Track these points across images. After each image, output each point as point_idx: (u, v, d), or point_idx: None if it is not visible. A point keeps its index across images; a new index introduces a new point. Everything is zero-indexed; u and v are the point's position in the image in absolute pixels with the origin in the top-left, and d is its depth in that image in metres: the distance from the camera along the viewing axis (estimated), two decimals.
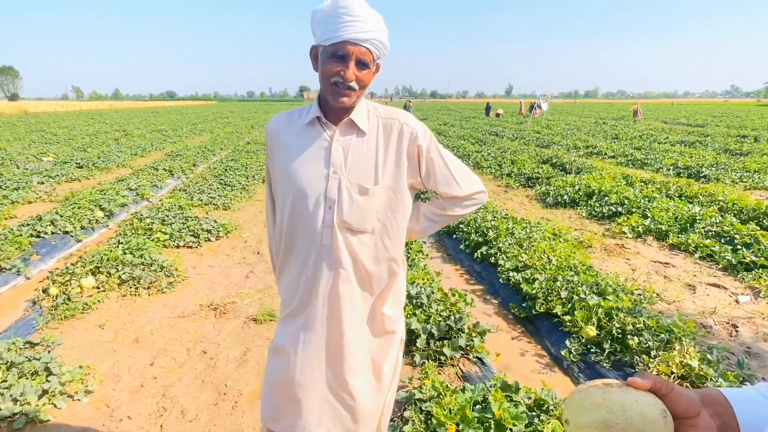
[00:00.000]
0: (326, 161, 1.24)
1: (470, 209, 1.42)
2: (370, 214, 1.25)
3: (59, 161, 10.41)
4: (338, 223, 1.23)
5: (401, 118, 1.29)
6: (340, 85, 1.15)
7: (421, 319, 2.91)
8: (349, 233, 1.24)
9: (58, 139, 15.68)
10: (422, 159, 1.30)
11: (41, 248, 4.72)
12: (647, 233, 5.25)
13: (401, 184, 1.29)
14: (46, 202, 6.98)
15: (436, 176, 1.33)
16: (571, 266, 3.83)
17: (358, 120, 1.25)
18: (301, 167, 1.25)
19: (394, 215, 1.29)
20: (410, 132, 1.28)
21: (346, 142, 1.25)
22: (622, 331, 2.84)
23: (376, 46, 1.17)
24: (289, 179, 1.26)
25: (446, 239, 5.31)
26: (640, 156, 10.57)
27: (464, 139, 15.48)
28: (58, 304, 3.47)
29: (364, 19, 1.13)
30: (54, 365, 2.62)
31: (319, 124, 1.27)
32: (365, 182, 1.24)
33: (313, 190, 1.23)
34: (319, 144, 1.25)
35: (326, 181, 1.23)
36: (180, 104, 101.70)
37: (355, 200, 1.23)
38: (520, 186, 8.26)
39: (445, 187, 1.36)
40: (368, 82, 1.20)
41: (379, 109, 1.31)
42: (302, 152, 1.26)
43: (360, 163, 1.24)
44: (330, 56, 1.15)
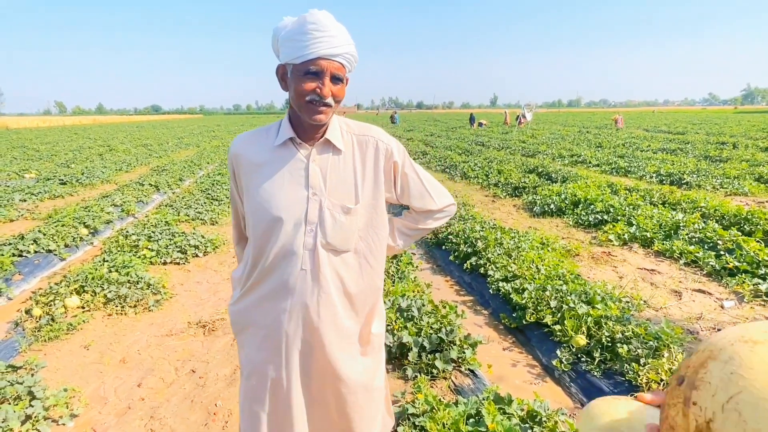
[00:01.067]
0: (305, 183, 1.21)
1: (442, 221, 1.46)
2: (353, 234, 1.24)
3: (42, 178, 10.25)
4: (323, 245, 1.20)
5: (375, 134, 1.29)
6: (316, 103, 1.13)
7: (413, 332, 2.90)
8: (333, 254, 1.22)
9: (40, 156, 15.46)
10: (398, 175, 1.32)
11: (24, 267, 4.62)
12: (633, 240, 5.32)
13: (380, 201, 1.29)
14: (29, 220, 6.86)
15: (411, 191, 1.35)
16: (560, 275, 3.86)
17: (334, 138, 1.23)
18: (278, 190, 1.20)
19: (376, 232, 1.29)
20: (385, 148, 1.28)
21: (323, 161, 1.23)
22: (612, 339, 2.86)
23: (348, 59, 1.16)
24: (264, 203, 1.21)
25: (435, 250, 5.32)
26: (624, 164, 10.75)
27: (451, 149, 15.61)
28: (42, 325, 3.39)
29: (334, 34, 1.11)
30: (38, 389, 2.55)
31: (293, 144, 1.23)
32: (347, 202, 1.22)
33: (292, 213, 1.19)
34: (294, 165, 1.22)
35: (306, 204, 1.20)
36: (165, 118, 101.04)
37: (338, 221, 1.21)
38: (507, 195, 8.33)
39: (419, 202, 1.38)
40: (342, 97, 1.19)
41: (351, 126, 1.30)
42: (278, 175, 1.22)
43: (340, 183, 1.23)
44: (303, 74, 1.12)
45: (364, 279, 1.28)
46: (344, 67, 1.16)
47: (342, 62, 1.14)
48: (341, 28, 1.15)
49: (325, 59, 1.11)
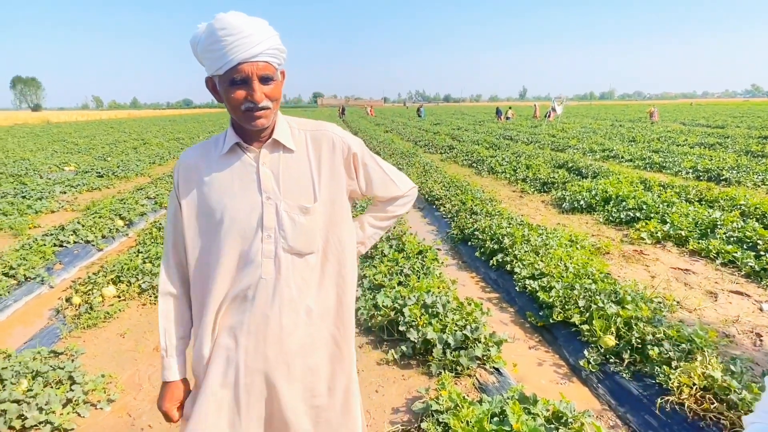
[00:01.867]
0: (257, 187, 1.14)
1: (408, 206, 1.44)
2: (315, 233, 1.18)
3: (80, 171, 10.66)
4: (285, 249, 1.14)
5: (330, 128, 1.24)
6: (252, 110, 1.07)
7: (437, 329, 2.90)
8: (297, 258, 1.16)
9: (79, 149, 16.07)
10: (359, 166, 1.27)
11: (64, 257, 4.83)
12: (666, 239, 5.16)
13: (340, 196, 1.23)
14: (69, 212, 7.15)
15: (373, 181, 1.31)
16: (589, 274, 3.78)
17: (282, 137, 1.17)
18: (228, 199, 1.14)
19: (339, 229, 1.23)
20: (341, 141, 1.23)
21: (273, 163, 1.16)
22: (642, 341, 2.80)
23: (273, 55, 1.08)
24: (216, 215, 1.14)
25: (461, 247, 5.29)
26: (659, 159, 10.41)
27: (478, 143, 15.43)
28: (81, 313, 3.55)
29: (248, 33, 1.03)
30: (77, 374, 2.68)
31: (240, 149, 1.16)
32: (304, 201, 1.16)
33: (245, 222, 1.13)
34: (244, 170, 1.15)
35: (261, 209, 1.13)
36: (197, 112, 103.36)
37: (297, 222, 1.15)
38: (535, 191, 8.19)
39: (383, 190, 1.35)
40: (279, 96, 1.13)
41: (302, 123, 1.24)
42: (226, 183, 1.15)
43: (294, 183, 1.17)
44: (230, 84, 1.06)
45: (330, 279, 1.23)
46: (271, 65, 1.08)
47: (266, 60, 1.06)
48: (256, 23, 1.06)
49: (246, 62, 1.04)
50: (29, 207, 6.90)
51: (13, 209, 6.63)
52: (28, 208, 6.86)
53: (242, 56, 1.02)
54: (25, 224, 6.06)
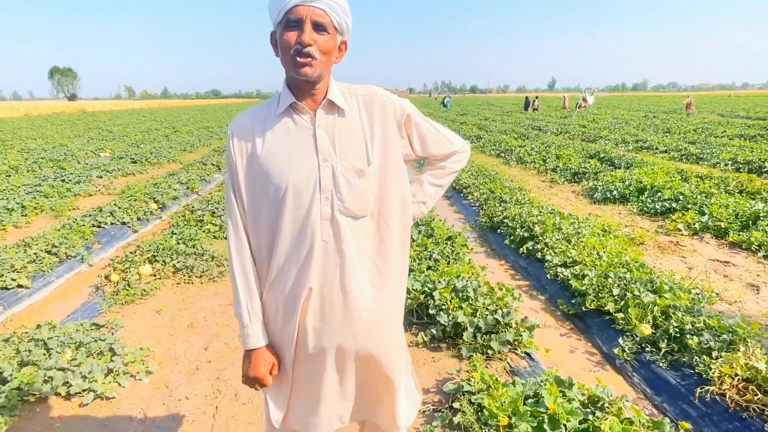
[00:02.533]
0: (314, 149, 1.14)
1: (464, 162, 1.42)
2: (370, 196, 1.18)
3: (115, 157, 10.97)
4: (341, 212, 1.14)
5: (380, 92, 1.23)
6: (299, 54, 1.06)
7: (468, 313, 2.88)
8: (352, 220, 1.17)
9: (113, 136, 16.54)
10: (412, 127, 1.27)
11: (102, 237, 5.00)
12: (704, 230, 4.99)
13: (393, 159, 1.22)
14: (105, 195, 7.38)
15: (428, 139, 1.30)
16: (623, 263, 3.69)
17: (337, 99, 1.16)
18: (285, 162, 1.13)
19: (392, 192, 1.22)
20: (392, 104, 1.22)
21: (328, 125, 1.16)
22: (680, 330, 2.72)
23: (332, 8, 1.07)
24: (270, 178, 1.14)
25: (490, 234, 5.24)
26: (695, 150, 10.03)
27: (506, 133, 15.19)
28: (119, 290, 3.67)
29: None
30: (117, 346, 2.78)
31: (294, 111, 1.16)
32: (359, 164, 1.16)
33: (304, 183, 1.13)
34: (300, 133, 1.15)
35: (318, 171, 1.13)
36: (224, 102, 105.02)
37: (353, 185, 1.15)
38: (565, 181, 8.02)
39: (440, 148, 1.34)
40: (330, 51, 1.10)
41: (354, 88, 1.23)
42: (284, 145, 1.15)
43: (349, 146, 1.16)
44: (285, 27, 1.07)
45: (385, 242, 1.23)
46: (327, 15, 1.07)
47: (323, 8, 1.06)
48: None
49: (303, 5, 1.05)
50: (68, 190, 7.15)
51: (54, 192, 6.88)
52: (68, 191, 7.11)
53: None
54: (65, 206, 6.28)
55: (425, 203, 1.39)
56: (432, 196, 1.40)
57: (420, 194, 1.39)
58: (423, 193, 1.39)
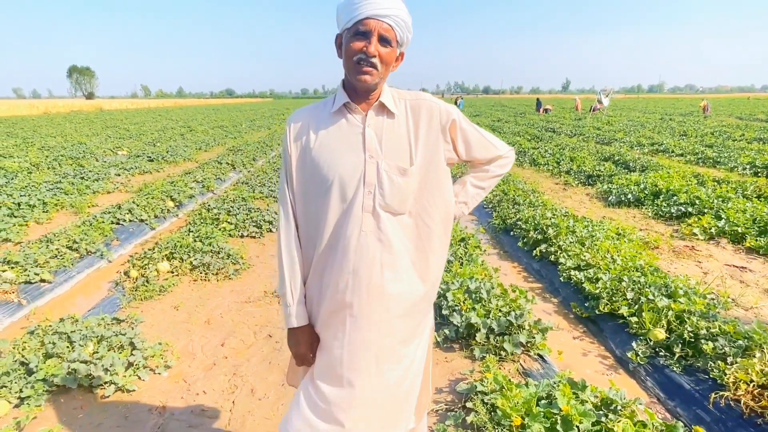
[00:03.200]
0: (362, 146, 1.23)
1: (508, 167, 1.47)
2: (409, 195, 1.26)
3: (132, 155, 11.16)
4: (381, 206, 1.23)
5: (428, 98, 1.32)
6: (362, 62, 1.16)
7: (481, 314, 2.91)
8: (391, 215, 1.25)
9: (130, 135, 16.80)
10: (457, 132, 1.33)
11: (120, 234, 5.10)
12: (721, 235, 4.94)
13: (435, 161, 1.30)
14: (123, 193, 7.52)
15: (473, 144, 1.36)
16: (637, 267, 3.68)
17: (388, 102, 1.25)
18: (336, 155, 1.23)
19: (432, 193, 1.30)
20: (439, 109, 1.29)
21: (377, 125, 1.25)
22: (695, 335, 2.71)
23: (398, 24, 1.17)
24: (319, 169, 1.24)
25: (503, 236, 5.24)
26: (712, 154, 9.90)
27: (519, 135, 15.13)
28: (138, 286, 3.76)
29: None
30: (137, 341, 2.85)
31: (347, 110, 1.26)
32: (402, 163, 1.25)
33: (351, 176, 1.22)
34: (351, 130, 1.25)
35: (364, 166, 1.22)
36: (239, 101, 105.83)
37: (395, 182, 1.23)
38: (579, 184, 7.98)
39: (483, 152, 1.39)
40: (390, 62, 1.20)
41: (403, 93, 1.32)
42: (335, 140, 1.25)
43: (394, 145, 1.25)
44: (353, 35, 1.16)
45: (422, 240, 1.30)
46: (393, 30, 1.17)
47: (391, 24, 1.16)
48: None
49: (373, 19, 1.14)
50: (87, 187, 7.30)
51: (74, 189, 7.03)
52: (87, 188, 7.26)
53: (372, 12, 1.13)
54: (84, 203, 6.42)
55: (466, 203, 1.45)
56: (473, 197, 1.45)
57: (462, 194, 1.44)
58: (465, 194, 1.44)
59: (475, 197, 1.46)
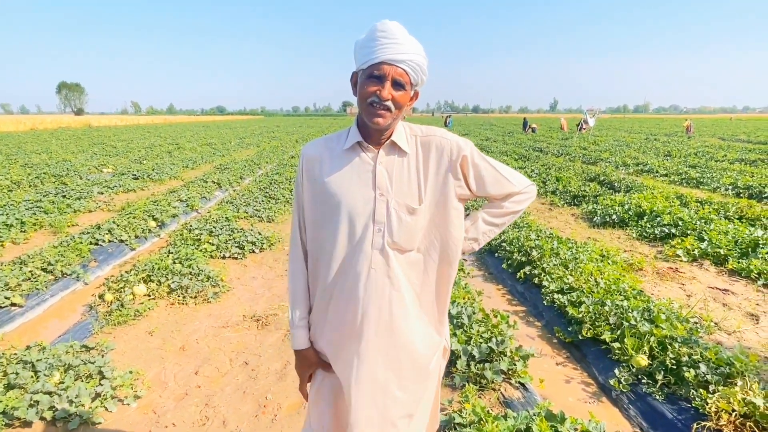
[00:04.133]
0: (372, 184, 1.24)
1: (526, 204, 1.42)
2: (417, 233, 1.26)
3: (117, 173, 11.04)
4: (389, 244, 1.23)
5: (438, 133, 1.30)
6: (375, 105, 1.16)
7: (462, 340, 2.85)
8: (399, 253, 1.25)
9: (117, 152, 16.66)
10: (468, 167, 1.30)
11: (99, 255, 4.99)
12: (704, 257, 4.96)
13: (445, 199, 1.28)
14: (105, 212, 7.40)
15: (486, 179, 1.33)
16: (621, 290, 3.66)
17: (399, 141, 1.26)
18: (347, 192, 1.24)
19: (440, 231, 1.29)
20: (449, 145, 1.28)
21: (389, 164, 1.26)
22: (677, 362, 2.68)
23: (413, 68, 1.18)
24: (333, 204, 1.25)
25: (488, 257, 5.21)
26: (696, 174, 10.05)
27: (507, 155, 15.26)
28: (113, 310, 3.65)
29: (401, 42, 1.16)
30: (107, 369, 2.75)
31: (360, 148, 1.27)
32: (411, 202, 1.25)
33: (361, 213, 1.23)
34: (362, 167, 1.26)
35: (374, 204, 1.23)
36: (229, 119, 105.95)
37: (404, 221, 1.23)
38: (565, 204, 8.02)
39: (497, 188, 1.35)
40: (404, 104, 1.21)
41: (415, 129, 1.32)
42: (347, 177, 1.26)
43: (404, 184, 1.25)
44: (367, 78, 1.17)
45: (429, 277, 1.30)
46: (407, 74, 1.18)
47: (405, 69, 1.17)
48: (412, 39, 1.19)
49: (388, 64, 1.15)
50: (68, 206, 7.17)
51: (54, 208, 6.90)
52: (68, 207, 7.13)
53: (387, 57, 1.14)
54: (64, 222, 6.30)
55: (477, 240, 1.40)
56: (485, 234, 1.40)
57: (472, 230, 1.39)
58: (475, 230, 1.39)
59: (487, 233, 1.41)
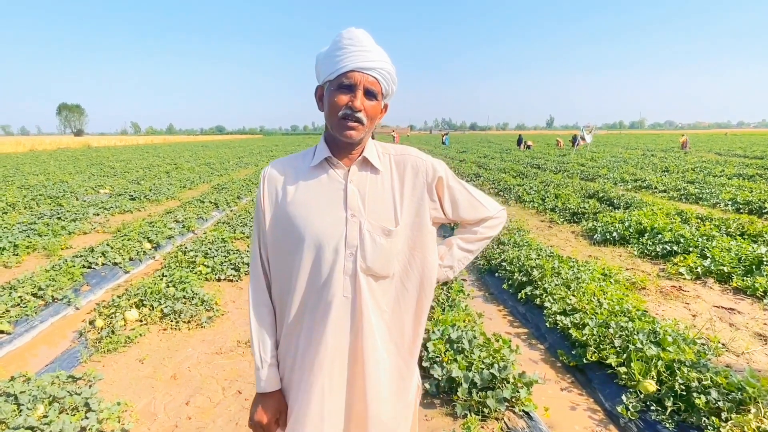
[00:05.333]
0: (343, 204, 1.14)
1: (498, 228, 1.37)
2: (393, 257, 1.17)
3: (114, 193, 10.98)
4: (362, 270, 1.13)
5: (413, 153, 1.24)
6: (348, 117, 1.09)
7: (463, 366, 2.75)
8: (372, 280, 1.15)
9: (115, 172, 16.64)
10: (444, 190, 1.24)
11: (92, 279, 4.89)
12: (707, 275, 4.87)
13: (421, 221, 1.21)
14: (100, 233, 7.32)
15: (460, 203, 1.27)
16: (625, 311, 3.57)
17: (371, 157, 1.18)
18: (315, 213, 1.14)
19: (415, 255, 1.20)
20: (425, 166, 1.22)
21: (361, 182, 1.17)
22: (687, 387, 2.58)
23: (384, 77, 1.12)
24: (298, 228, 1.13)
25: (488, 278, 5.12)
26: (694, 190, 10.02)
27: (505, 172, 15.26)
28: (103, 337, 3.55)
29: (369, 49, 1.10)
30: (93, 401, 2.63)
31: (329, 165, 1.18)
32: (387, 223, 1.15)
33: (330, 236, 1.12)
34: (332, 186, 1.16)
35: (345, 226, 1.13)
36: (228, 138, 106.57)
37: (378, 244, 1.14)
38: (564, 221, 7.96)
39: (472, 212, 1.30)
40: (375, 116, 1.14)
41: (387, 147, 1.25)
42: (314, 196, 1.16)
43: (378, 204, 1.16)
44: (337, 88, 1.10)
45: (400, 304, 1.20)
46: (379, 83, 1.12)
47: (376, 77, 1.10)
48: (379, 47, 1.13)
49: (358, 72, 1.08)
50: (63, 228, 7.09)
51: (48, 230, 6.82)
52: (62, 229, 7.05)
53: (356, 65, 1.08)
54: (57, 245, 6.21)
55: (452, 267, 1.33)
56: (460, 261, 1.34)
57: (447, 257, 1.33)
58: (450, 257, 1.33)
59: (462, 260, 1.35)
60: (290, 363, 1.20)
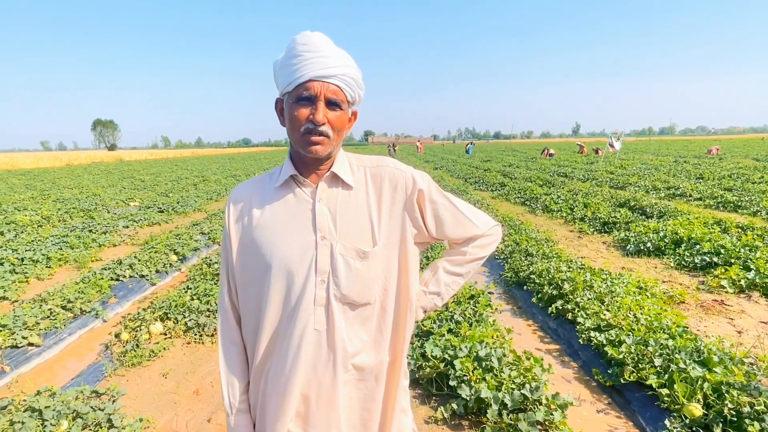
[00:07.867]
0: (312, 226, 1.04)
1: (491, 247, 1.23)
2: (372, 282, 1.05)
3: (144, 206, 11.23)
4: (337, 298, 1.02)
5: (391, 164, 1.12)
6: (311, 132, 0.98)
7: (492, 386, 2.62)
8: (349, 309, 1.04)
9: (144, 185, 17.08)
10: (425, 204, 1.12)
11: (119, 291, 4.95)
12: (752, 288, 4.59)
13: (401, 241, 1.09)
14: (129, 245, 7.45)
15: (444, 219, 1.14)
16: (664, 327, 3.37)
17: (342, 172, 1.06)
18: (281, 238, 1.03)
19: (397, 278, 1.10)
20: (405, 177, 1.10)
21: (331, 200, 1.06)
22: (737, 412, 2.38)
23: (347, 83, 1.01)
24: (264, 255, 1.03)
25: (516, 290, 4.96)
26: (733, 198, 9.58)
27: (531, 180, 14.98)
28: (127, 350, 3.55)
29: (328, 54, 0.98)
30: (116, 417, 2.61)
31: (296, 183, 1.07)
32: (362, 245, 1.05)
33: (299, 263, 1.02)
34: (299, 207, 1.06)
35: (315, 250, 1.02)
36: (254, 150, 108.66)
37: (353, 268, 1.03)
38: (594, 231, 7.70)
39: (458, 230, 1.17)
40: (342, 127, 1.03)
41: (363, 159, 1.13)
42: (280, 219, 1.05)
43: (352, 224, 1.05)
44: (296, 101, 0.99)
45: (385, 337, 1.09)
46: (342, 91, 1.00)
47: (339, 84, 0.99)
48: (339, 50, 1.02)
49: (317, 81, 0.97)
50: (94, 241, 7.25)
51: (80, 243, 6.98)
52: (93, 241, 7.21)
53: (315, 73, 0.97)
54: (88, 257, 6.34)
55: (439, 294, 1.20)
56: (449, 286, 1.21)
57: (433, 283, 1.20)
58: (436, 282, 1.20)
59: (451, 285, 1.22)
60: (260, 408, 1.10)
